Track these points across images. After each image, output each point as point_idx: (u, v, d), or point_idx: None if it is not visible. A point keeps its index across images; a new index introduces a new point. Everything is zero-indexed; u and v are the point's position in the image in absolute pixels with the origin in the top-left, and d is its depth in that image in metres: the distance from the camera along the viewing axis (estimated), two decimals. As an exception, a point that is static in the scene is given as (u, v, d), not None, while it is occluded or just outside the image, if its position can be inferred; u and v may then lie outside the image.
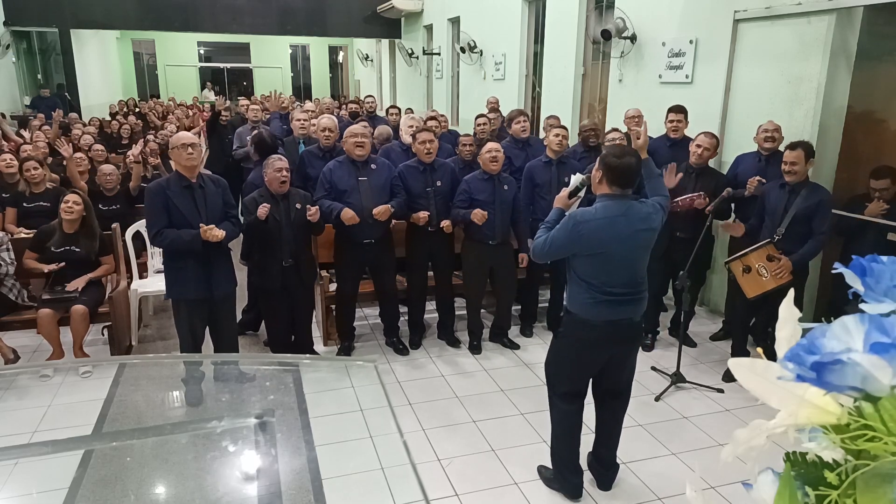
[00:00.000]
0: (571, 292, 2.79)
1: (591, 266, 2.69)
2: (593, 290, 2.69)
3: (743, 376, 0.56)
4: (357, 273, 4.37)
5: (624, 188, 2.67)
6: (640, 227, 2.68)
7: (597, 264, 2.68)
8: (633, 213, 2.67)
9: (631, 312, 2.75)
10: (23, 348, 4.31)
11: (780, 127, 4.37)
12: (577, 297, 2.76)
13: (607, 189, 2.68)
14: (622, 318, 2.73)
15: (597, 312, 2.71)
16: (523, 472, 3.17)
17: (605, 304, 2.69)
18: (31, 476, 2.70)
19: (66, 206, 4.11)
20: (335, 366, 4.05)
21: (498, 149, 4.28)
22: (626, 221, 2.64)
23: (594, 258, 2.67)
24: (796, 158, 3.74)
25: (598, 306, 2.70)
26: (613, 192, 2.67)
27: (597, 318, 2.71)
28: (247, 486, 2.29)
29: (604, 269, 2.67)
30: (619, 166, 2.62)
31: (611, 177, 2.65)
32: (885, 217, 3.90)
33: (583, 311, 2.74)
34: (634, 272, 2.73)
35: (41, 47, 14.77)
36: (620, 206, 2.66)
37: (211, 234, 3.45)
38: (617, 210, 2.64)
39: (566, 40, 7.57)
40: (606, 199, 2.68)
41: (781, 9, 4.51)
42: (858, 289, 0.54)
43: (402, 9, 13.28)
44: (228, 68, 22.92)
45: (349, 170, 4.19)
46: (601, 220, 2.63)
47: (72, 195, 4.17)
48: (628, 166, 2.62)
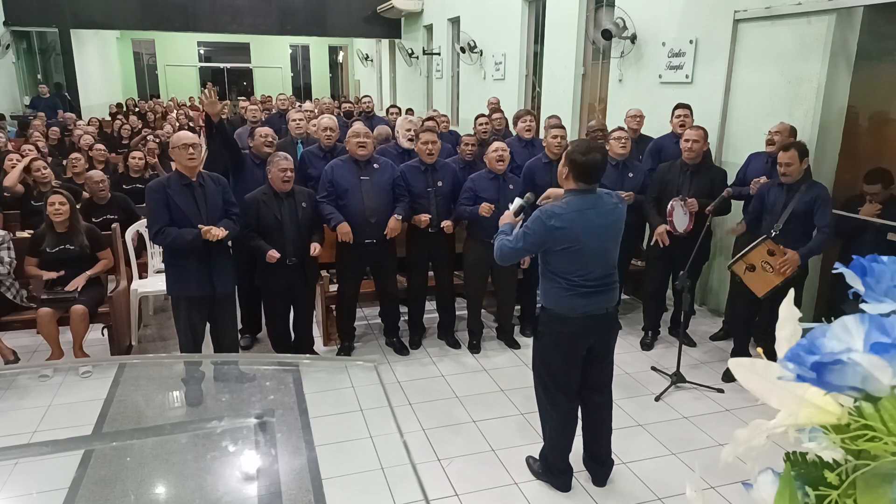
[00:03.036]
0: (545, 288, 2.83)
1: (565, 260, 2.73)
2: (568, 284, 2.74)
3: (743, 376, 0.56)
4: (358, 273, 4.37)
5: (590, 183, 2.72)
6: (610, 219, 2.75)
7: (570, 258, 2.71)
8: (601, 206, 2.73)
9: (605, 302, 2.81)
10: (23, 348, 4.31)
11: (789, 128, 4.31)
12: (551, 292, 2.80)
13: (573, 185, 2.72)
14: (597, 310, 2.78)
15: (572, 305, 2.75)
16: (523, 472, 3.17)
17: (580, 296, 2.74)
18: (31, 476, 2.70)
19: (52, 208, 4.08)
20: (335, 366, 4.05)
21: (504, 148, 4.29)
22: (595, 214, 2.70)
23: (567, 252, 2.71)
24: (790, 159, 3.75)
25: (574, 299, 2.74)
26: (580, 187, 2.72)
27: (573, 312, 2.76)
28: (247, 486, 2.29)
29: (577, 262, 2.71)
30: (584, 162, 2.66)
31: (577, 173, 2.69)
32: (880, 218, 3.92)
33: (558, 305, 2.78)
34: (607, 262, 2.78)
35: (41, 47, 14.78)
36: (588, 199, 2.71)
37: (211, 235, 3.47)
38: (585, 204, 2.70)
39: (566, 40, 7.57)
40: (573, 194, 2.73)
41: (781, 9, 4.51)
42: (859, 289, 0.54)
43: (402, 9, 13.29)
44: (228, 68, 22.93)
45: (351, 169, 4.19)
46: (572, 213, 2.67)
47: (55, 196, 4.13)
48: (593, 162, 2.67)
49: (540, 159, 4.58)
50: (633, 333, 4.80)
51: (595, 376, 2.97)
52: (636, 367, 4.32)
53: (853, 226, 4.09)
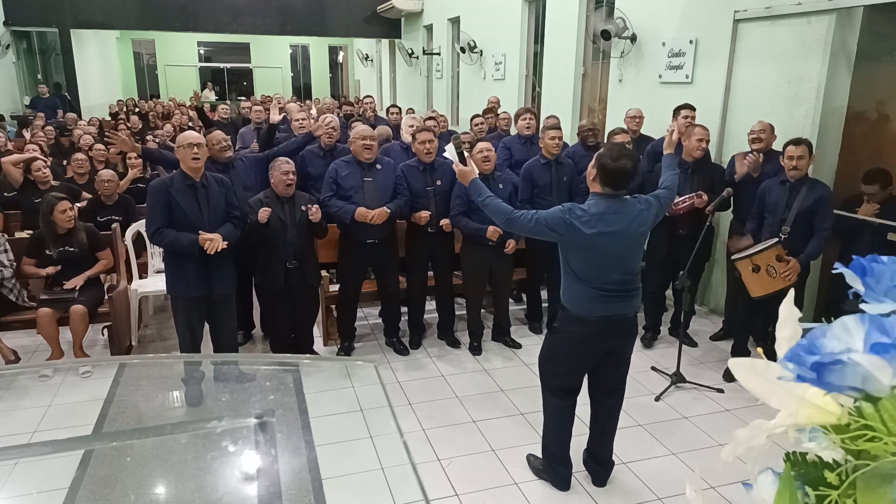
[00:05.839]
0: (566, 288, 2.81)
1: (586, 262, 2.71)
2: (587, 286, 2.72)
3: (743, 376, 0.56)
4: (360, 273, 4.37)
5: (616, 189, 2.69)
6: (633, 225, 2.71)
7: (591, 260, 2.70)
8: (625, 211, 2.70)
9: (625, 308, 2.78)
10: (23, 348, 4.31)
11: (772, 126, 4.35)
12: (571, 292, 2.78)
13: (599, 188, 2.70)
14: (616, 314, 2.75)
15: (591, 308, 2.73)
16: (523, 472, 3.17)
17: (600, 299, 2.72)
18: (31, 476, 2.70)
19: (63, 216, 4.07)
20: (335, 366, 4.04)
21: (489, 148, 4.26)
22: (617, 218, 2.67)
23: (588, 254, 2.69)
24: (802, 153, 3.72)
25: (593, 302, 2.72)
26: (605, 191, 2.69)
27: (591, 314, 2.74)
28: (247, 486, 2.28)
29: (597, 265, 2.69)
30: (614, 169, 2.63)
31: (604, 178, 2.66)
32: (879, 218, 3.91)
33: (577, 307, 2.76)
34: (627, 268, 2.75)
35: (41, 47, 14.78)
36: (613, 204, 2.69)
37: (210, 246, 3.45)
38: (609, 208, 2.67)
39: (566, 40, 7.57)
40: (598, 197, 2.71)
41: (781, 9, 4.51)
42: (859, 289, 0.54)
43: (402, 9, 13.28)
44: (228, 68, 22.91)
45: (355, 170, 4.19)
46: (593, 215, 2.65)
47: (64, 203, 4.11)
48: (623, 169, 2.63)
49: (538, 160, 4.58)
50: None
51: (608, 378, 2.95)
52: (636, 367, 4.29)
53: (852, 226, 4.08)
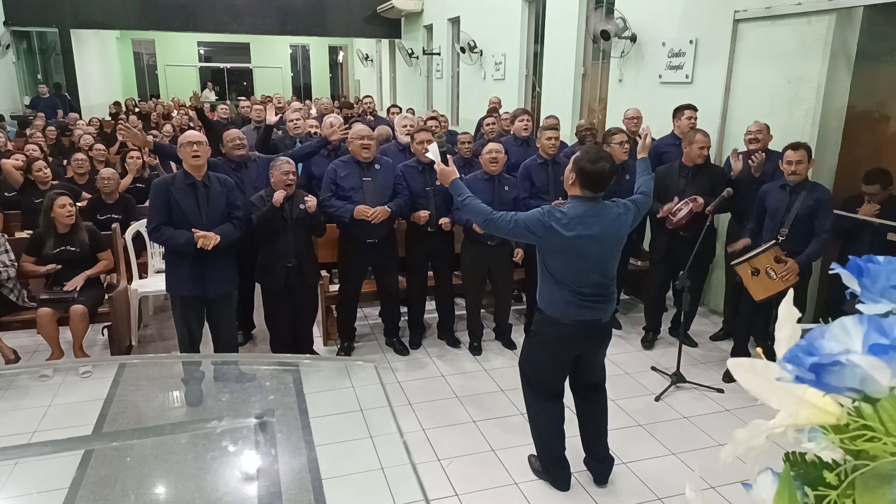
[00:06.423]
0: (542, 290, 2.82)
1: (562, 265, 2.72)
2: (564, 290, 2.73)
3: (742, 376, 0.56)
4: (360, 273, 4.37)
5: (595, 192, 2.70)
6: (612, 228, 2.72)
7: (569, 263, 2.70)
8: (604, 214, 2.71)
9: (600, 313, 2.79)
10: (23, 348, 4.31)
11: (768, 126, 4.35)
12: (547, 295, 2.79)
13: (578, 191, 2.71)
14: (591, 319, 2.77)
15: (567, 311, 2.74)
16: (523, 472, 3.17)
17: (575, 304, 2.73)
18: (31, 476, 2.70)
19: (62, 210, 4.08)
20: (335, 366, 4.05)
21: (499, 150, 4.27)
22: (597, 221, 2.68)
23: (566, 256, 2.70)
24: (801, 157, 3.72)
25: (568, 306, 2.73)
26: (584, 194, 2.70)
27: (566, 318, 2.75)
28: (247, 486, 2.28)
29: (576, 268, 2.70)
30: (592, 171, 2.64)
31: (583, 180, 2.67)
32: (879, 218, 3.91)
33: (553, 308, 2.78)
34: (605, 271, 2.76)
35: (41, 47, 14.77)
36: (592, 207, 2.69)
37: (203, 242, 3.46)
38: (588, 211, 2.68)
39: (566, 40, 7.57)
40: (577, 200, 2.71)
41: (781, 9, 4.51)
42: (855, 289, 0.54)
43: (402, 9, 13.28)
44: (228, 68, 22.90)
45: (354, 170, 4.19)
46: (573, 217, 2.66)
47: (63, 198, 4.13)
48: (601, 171, 2.63)
49: (535, 160, 4.58)
50: (634, 333, 4.80)
51: (586, 378, 2.99)
52: (636, 367, 4.32)
53: (852, 226, 4.08)
